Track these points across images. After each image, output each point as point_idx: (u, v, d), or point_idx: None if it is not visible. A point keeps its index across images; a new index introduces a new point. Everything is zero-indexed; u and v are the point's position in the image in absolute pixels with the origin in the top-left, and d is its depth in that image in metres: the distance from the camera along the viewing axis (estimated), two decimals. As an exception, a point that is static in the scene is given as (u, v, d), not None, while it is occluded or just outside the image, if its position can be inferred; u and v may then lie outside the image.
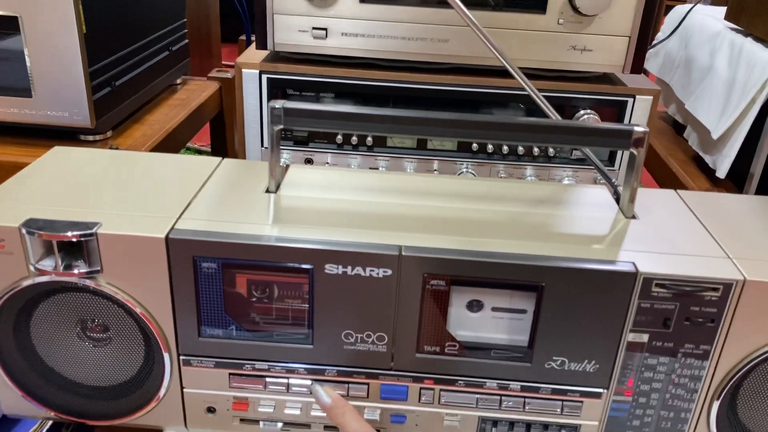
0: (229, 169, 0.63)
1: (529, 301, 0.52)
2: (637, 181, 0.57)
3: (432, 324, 0.53)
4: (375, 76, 0.86)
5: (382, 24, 0.83)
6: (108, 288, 0.53)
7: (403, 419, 0.57)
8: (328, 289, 0.52)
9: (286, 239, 0.51)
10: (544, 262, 0.51)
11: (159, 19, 1.07)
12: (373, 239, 0.52)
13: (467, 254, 0.51)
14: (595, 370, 0.54)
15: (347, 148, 0.89)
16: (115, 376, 0.57)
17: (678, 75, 1.13)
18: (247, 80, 0.87)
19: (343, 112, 0.57)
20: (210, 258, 0.52)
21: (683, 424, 0.55)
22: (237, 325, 0.54)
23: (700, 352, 0.52)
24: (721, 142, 0.93)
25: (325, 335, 0.54)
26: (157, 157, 0.66)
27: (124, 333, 0.55)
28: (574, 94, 0.86)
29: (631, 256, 0.52)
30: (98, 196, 0.57)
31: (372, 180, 0.63)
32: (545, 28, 0.83)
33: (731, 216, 0.60)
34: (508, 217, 0.57)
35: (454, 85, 0.86)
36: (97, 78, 0.87)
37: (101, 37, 0.87)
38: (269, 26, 0.84)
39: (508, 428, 0.57)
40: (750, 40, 0.92)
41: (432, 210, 0.57)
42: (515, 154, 0.89)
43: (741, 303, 0.50)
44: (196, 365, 0.56)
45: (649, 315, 0.51)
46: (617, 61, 0.85)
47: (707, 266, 0.51)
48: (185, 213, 0.54)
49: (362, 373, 0.55)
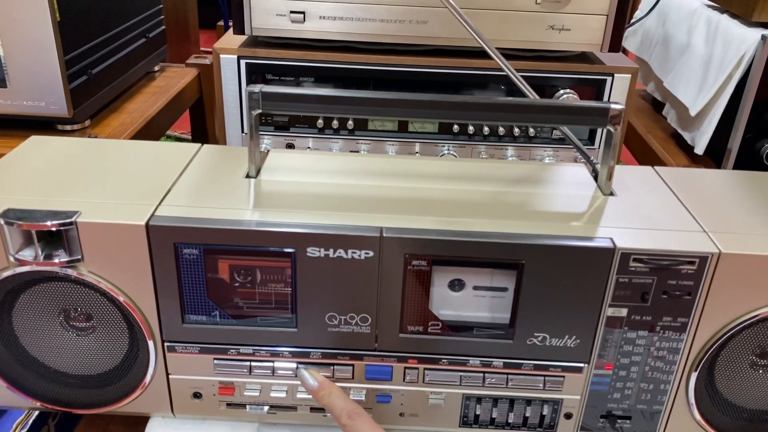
0: (208, 155, 0.63)
1: (510, 279, 0.53)
2: (614, 159, 0.58)
3: (414, 304, 0.54)
4: (354, 59, 0.86)
5: (360, 6, 0.83)
6: (90, 277, 0.53)
7: (388, 399, 0.57)
8: (311, 273, 0.52)
9: (268, 223, 0.51)
10: (524, 240, 0.51)
11: (135, 6, 1.05)
12: (354, 221, 0.52)
13: (448, 234, 0.51)
14: (576, 345, 0.55)
15: (328, 132, 0.89)
16: (100, 364, 0.57)
17: (656, 53, 1.14)
18: (226, 66, 0.86)
19: (321, 95, 0.57)
20: (191, 244, 0.52)
21: (662, 396, 0.56)
22: (220, 311, 0.54)
23: (678, 325, 0.53)
24: (698, 119, 0.94)
25: (309, 318, 0.54)
26: (136, 144, 0.65)
27: (108, 321, 0.55)
28: (553, 74, 0.87)
29: (608, 232, 0.52)
30: (77, 184, 0.56)
31: (352, 163, 0.63)
32: (523, 8, 0.83)
33: (707, 191, 0.61)
34: (488, 196, 0.58)
35: (434, 67, 0.86)
36: (73, 66, 0.86)
37: (76, 25, 0.86)
38: (246, 11, 0.83)
39: (492, 405, 0.57)
40: (726, 16, 0.93)
41: (412, 191, 0.58)
42: (496, 135, 0.89)
43: (716, 276, 0.51)
44: (180, 351, 0.56)
45: (627, 290, 0.52)
46: (595, 39, 0.86)
47: (683, 240, 0.52)
48: (165, 200, 0.54)
49: (347, 355, 0.56)
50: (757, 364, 0.55)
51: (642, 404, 0.57)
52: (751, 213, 0.57)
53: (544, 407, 0.57)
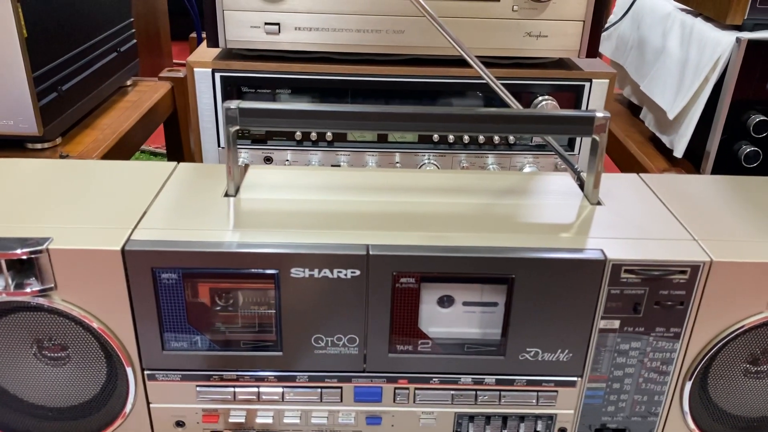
0: (185, 173, 0.61)
1: (500, 293, 0.52)
2: (600, 167, 0.57)
3: (403, 322, 0.52)
4: (331, 70, 0.85)
5: (336, 17, 0.82)
6: (63, 305, 0.50)
7: (378, 421, 0.56)
8: (295, 294, 0.51)
9: (249, 244, 0.50)
10: (514, 254, 0.50)
11: (104, 20, 1.03)
12: (339, 239, 0.51)
13: (436, 250, 0.50)
14: (569, 358, 0.54)
15: (307, 145, 0.88)
16: (78, 395, 0.55)
17: (632, 57, 1.14)
18: (200, 79, 0.84)
19: (301, 110, 0.55)
20: (169, 268, 0.50)
21: (657, 407, 0.56)
22: (202, 336, 0.52)
23: (671, 335, 0.53)
24: (677, 122, 0.94)
25: (294, 341, 0.53)
26: (109, 164, 0.63)
27: (84, 351, 0.53)
28: (532, 81, 0.86)
29: (598, 243, 0.52)
30: (48, 209, 0.54)
31: (334, 178, 0.62)
32: (500, 15, 0.82)
33: (693, 198, 0.60)
34: (475, 209, 0.57)
35: (412, 77, 0.85)
36: (42, 83, 0.83)
37: (44, 41, 0.84)
38: (220, 23, 0.82)
39: (485, 422, 0.56)
40: (700, 20, 0.93)
41: (398, 206, 0.56)
42: (476, 144, 0.88)
43: (708, 284, 0.51)
44: (161, 379, 0.54)
45: (619, 301, 0.51)
46: (572, 45, 0.85)
47: (674, 249, 0.51)
48: (141, 222, 0.52)
49: (334, 377, 0.54)
50: (749, 371, 0.55)
51: (636, 416, 0.56)
52: (738, 219, 0.56)
53: (537, 423, 0.56)
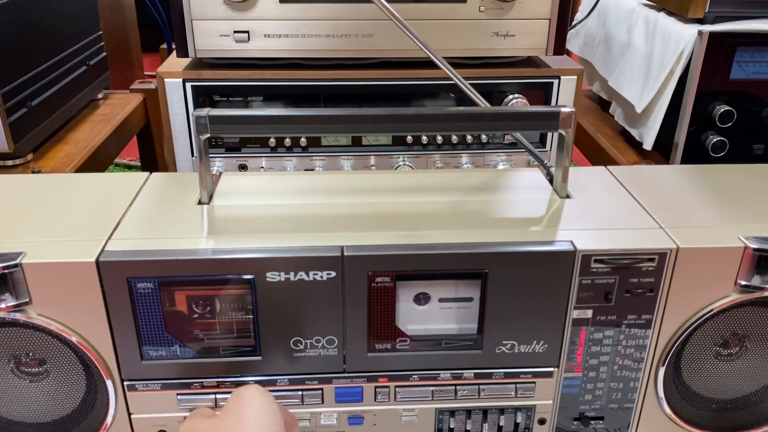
0: (157, 183, 0.61)
1: (475, 288, 0.52)
2: (568, 161, 0.58)
3: (381, 321, 0.53)
4: (302, 76, 0.85)
5: (305, 23, 0.82)
6: (39, 319, 0.50)
7: (360, 420, 0.56)
8: (272, 298, 0.51)
9: (223, 251, 0.50)
10: (486, 249, 0.51)
11: (72, 34, 1.02)
12: (313, 242, 0.51)
13: (410, 248, 0.51)
14: (545, 350, 0.55)
15: (281, 151, 0.88)
16: (58, 409, 0.55)
17: (599, 53, 1.16)
18: (171, 90, 0.84)
19: (271, 115, 0.55)
20: (145, 278, 0.50)
21: (632, 393, 0.57)
22: (180, 344, 0.52)
23: (643, 322, 0.54)
24: (645, 116, 0.96)
25: (273, 345, 0.53)
26: (80, 177, 0.63)
27: (62, 364, 0.53)
28: (501, 80, 0.87)
29: (568, 235, 0.53)
30: (20, 223, 0.54)
31: (307, 182, 0.62)
32: (467, 16, 0.83)
33: (660, 187, 0.61)
34: (447, 207, 0.57)
35: (383, 80, 0.86)
36: (11, 99, 0.83)
37: (11, 56, 0.83)
38: (189, 33, 0.82)
39: (466, 417, 0.57)
40: (663, 14, 0.95)
41: (371, 207, 0.57)
42: (449, 144, 0.89)
43: (676, 270, 0.52)
44: (141, 389, 0.54)
45: (590, 291, 0.52)
46: (540, 43, 0.87)
47: (642, 238, 0.52)
48: (115, 233, 0.52)
49: (315, 379, 0.55)
50: (720, 354, 0.56)
51: (613, 403, 0.57)
52: (703, 206, 0.58)
53: (517, 415, 0.57)
